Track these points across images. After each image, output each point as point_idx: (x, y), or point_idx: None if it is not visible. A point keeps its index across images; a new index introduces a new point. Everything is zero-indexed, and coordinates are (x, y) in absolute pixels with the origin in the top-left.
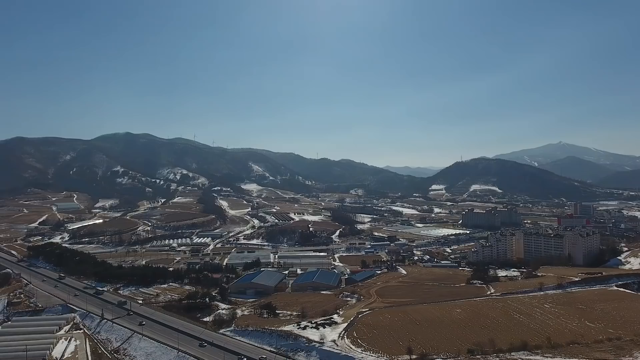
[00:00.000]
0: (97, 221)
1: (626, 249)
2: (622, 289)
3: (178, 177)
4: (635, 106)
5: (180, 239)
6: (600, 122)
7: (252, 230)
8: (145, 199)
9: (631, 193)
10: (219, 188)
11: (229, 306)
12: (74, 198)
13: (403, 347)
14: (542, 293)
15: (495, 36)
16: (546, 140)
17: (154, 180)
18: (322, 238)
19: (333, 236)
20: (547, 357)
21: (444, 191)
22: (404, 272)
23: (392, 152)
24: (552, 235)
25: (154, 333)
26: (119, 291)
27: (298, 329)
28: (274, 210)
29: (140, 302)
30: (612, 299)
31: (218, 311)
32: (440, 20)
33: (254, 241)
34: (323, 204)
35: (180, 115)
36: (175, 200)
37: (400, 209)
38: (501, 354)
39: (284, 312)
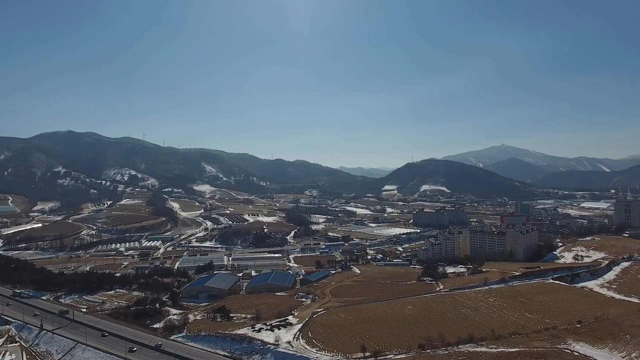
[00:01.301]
0: (36, 225)
1: (561, 244)
2: (557, 282)
3: (126, 178)
4: (569, 111)
5: (128, 243)
6: (538, 126)
7: (205, 233)
8: (90, 201)
9: (565, 192)
10: (170, 189)
11: (181, 311)
12: (9, 201)
13: (357, 345)
14: (486, 288)
15: (443, 41)
16: (490, 143)
17: (99, 181)
18: (277, 239)
19: (288, 237)
20: (491, 348)
21: (396, 191)
22: (357, 271)
23: (346, 153)
24: (495, 232)
25: (100, 343)
26: (60, 300)
27: (252, 331)
28: (228, 212)
29: (84, 310)
30: (548, 291)
31: (169, 317)
32: (392, 24)
33: (207, 243)
34: (278, 204)
35: (129, 114)
36: (122, 202)
37: (354, 209)
38: (449, 348)
39: (239, 315)
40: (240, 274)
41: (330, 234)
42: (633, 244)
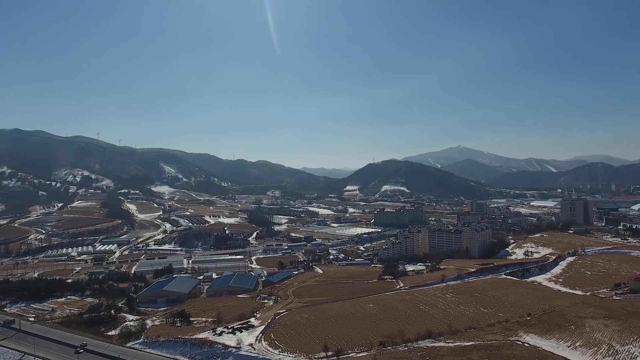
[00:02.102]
0: None
1: (512, 241)
2: (509, 277)
3: (78, 179)
4: (519, 114)
5: (80, 247)
6: (492, 128)
7: (164, 235)
8: (39, 204)
9: (516, 192)
10: (127, 191)
11: (138, 317)
12: None
13: (319, 345)
14: (444, 284)
15: (405, 45)
16: (448, 144)
17: (49, 182)
18: (239, 241)
19: (250, 238)
20: (448, 342)
21: (357, 191)
22: (320, 271)
23: (308, 154)
24: (452, 231)
25: (49, 353)
26: (5, 309)
27: (214, 335)
28: (188, 214)
29: (32, 319)
30: (501, 286)
31: (125, 323)
32: (355, 26)
33: (166, 246)
34: (240, 205)
35: (81, 112)
36: (74, 204)
37: (317, 209)
38: (409, 344)
39: (199, 319)
40: (201, 277)
41: (293, 234)
42: (577, 239)
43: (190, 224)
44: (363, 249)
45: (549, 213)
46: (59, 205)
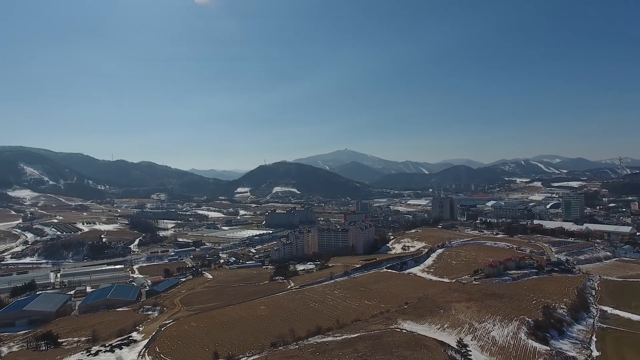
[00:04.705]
0: None
1: (392, 237)
2: (389, 270)
3: None
4: (396, 121)
5: None
6: (374, 133)
7: (25, 247)
8: None
9: (395, 191)
10: None
11: None
12: None
13: (209, 352)
14: (332, 281)
15: (294, 52)
16: (336, 147)
17: None
18: (118, 249)
19: (131, 246)
20: (336, 336)
21: (249, 193)
22: (210, 276)
23: (197, 155)
24: (340, 230)
25: None
26: None
27: (88, 356)
28: (56, 221)
29: None
30: (383, 279)
31: None
32: (246, 28)
33: (27, 259)
34: (119, 210)
35: None
36: None
37: (206, 212)
38: (300, 342)
39: (70, 339)
40: (72, 292)
41: (181, 239)
42: (445, 233)
43: (59, 232)
44: (255, 251)
45: (423, 210)
46: None
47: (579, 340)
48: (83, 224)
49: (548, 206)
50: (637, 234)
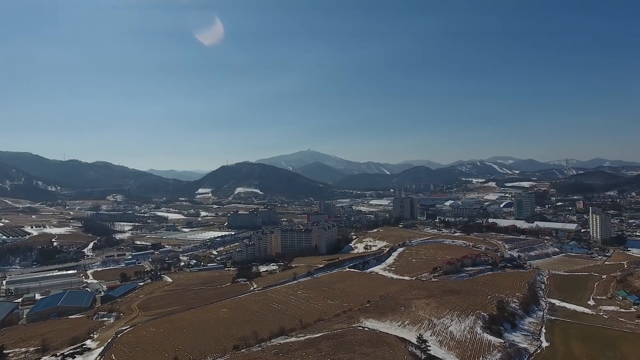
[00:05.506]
0: None
1: (355, 237)
2: (352, 270)
3: None
4: (358, 124)
5: None
6: (336, 134)
7: None
8: None
9: (358, 192)
10: None
11: None
12: None
13: (169, 358)
14: (295, 282)
15: (254, 52)
16: (298, 148)
17: None
18: (71, 253)
19: (85, 250)
20: (299, 337)
21: (210, 194)
22: (169, 280)
23: (156, 155)
24: (303, 230)
25: None
26: None
27: None
28: (1, 224)
29: None
30: (345, 278)
31: None
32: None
33: None
34: (72, 213)
35: None
36: None
37: (166, 214)
38: (263, 343)
39: (17, 349)
40: (20, 300)
41: (138, 242)
42: (406, 232)
43: (4, 236)
44: (216, 253)
45: (384, 210)
46: None
47: (530, 332)
48: (32, 227)
49: (502, 205)
50: (582, 230)
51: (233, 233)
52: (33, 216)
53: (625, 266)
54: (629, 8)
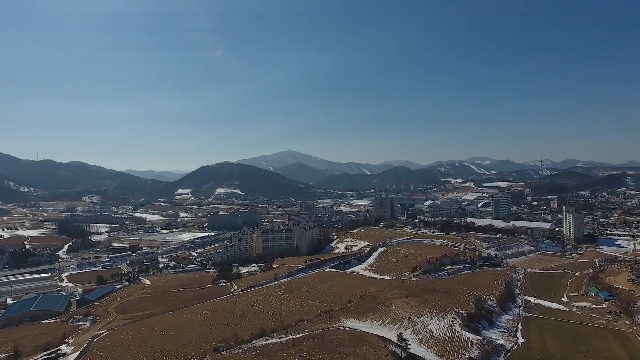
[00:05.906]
0: None
1: (336, 237)
2: (333, 270)
3: None
4: (338, 124)
5: None
6: (317, 135)
7: None
8: None
9: (339, 192)
10: None
11: None
12: None
13: None
14: (276, 282)
15: (235, 53)
16: (280, 148)
17: None
18: (45, 256)
19: (60, 252)
20: (281, 338)
21: (190, 195)
22: (148, 282)
23: (134, 155)
24: (284, 230)
25: None
26: None
27: None
28: None
29: None
30: (326, 278)
31: None
32: (184, 26)
33: None
34: (46, 214)
35: None
36: None
37: (144, 215)
38: (244, 345)
39: None
40: None
41: (116, 244)
42: (386, 232)
43: None
44: (196, 254)
45: (365, 210)
46: None
47: (507, 329)
48: (3, 229)
49: (479, 205)
50: (556, 229)
51: (213, 234)
52: (4, 218)
53: (597, 264)
54: (595, 13)
